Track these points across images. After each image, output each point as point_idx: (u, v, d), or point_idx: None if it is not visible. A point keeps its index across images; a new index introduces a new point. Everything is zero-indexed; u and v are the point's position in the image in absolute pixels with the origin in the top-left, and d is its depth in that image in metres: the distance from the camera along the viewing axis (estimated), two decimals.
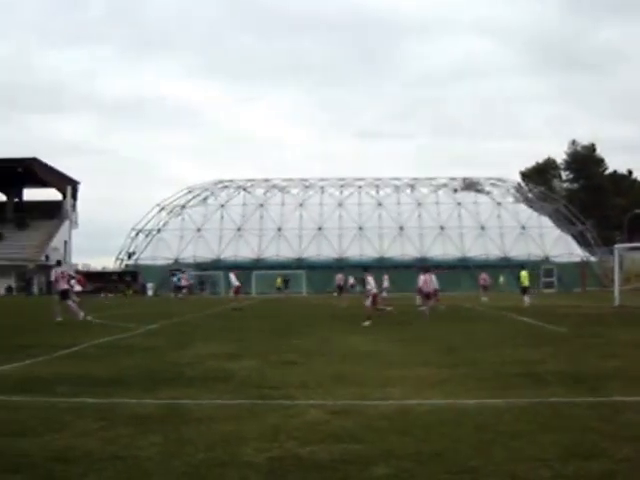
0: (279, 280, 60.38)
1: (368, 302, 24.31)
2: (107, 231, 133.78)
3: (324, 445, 6.51)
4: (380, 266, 74.41)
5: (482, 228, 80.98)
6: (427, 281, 30.46)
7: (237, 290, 37.89)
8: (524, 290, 36.98)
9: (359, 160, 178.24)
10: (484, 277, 49.70)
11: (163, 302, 49.72)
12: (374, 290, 24.63)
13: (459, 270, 74.16)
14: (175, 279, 73.15)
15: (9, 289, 76.52)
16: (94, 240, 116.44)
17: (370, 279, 24.78)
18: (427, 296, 30.20)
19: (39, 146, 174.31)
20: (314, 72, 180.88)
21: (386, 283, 50.33)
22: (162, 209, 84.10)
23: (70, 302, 25.65)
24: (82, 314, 25.03)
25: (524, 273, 37.76)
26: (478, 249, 78.99)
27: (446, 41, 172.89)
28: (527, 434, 6.96)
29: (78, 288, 40.69)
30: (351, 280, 48.20)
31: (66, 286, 26.09)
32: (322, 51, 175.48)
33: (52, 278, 26.18)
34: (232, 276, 38.66)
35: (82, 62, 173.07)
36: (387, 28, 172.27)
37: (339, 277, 47.20)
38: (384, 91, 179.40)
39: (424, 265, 45.62)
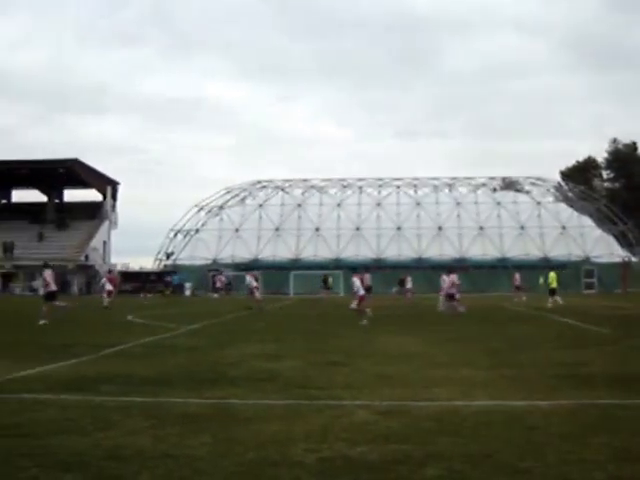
0: (330, 279, 59.82)
1: (354, 304, 24.33)
2: (145, 231, 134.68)
3: (374, 446, 6.51)
4: (418, 266, 74.49)
5: (522, 228, 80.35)
6: (453, 282, 30.69)
7: (252, 291, 38.12)
8: (552, 291, 36.73)
9: (397, 160, 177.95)
10: (517, 277, 49.33)
11: (202, 302, 49.97)
12: (361, 292, 24.58)
13: (498, 270, 73.71)
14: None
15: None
16: (132, 240, 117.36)
17: (355, 280, 24.80)
18: (451, 297, 30.40)
19: (78, 147, 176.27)
20: (351, 72, 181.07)
21: (409, 284, 50.36)
22: (200, 209, 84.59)
23: (57, 302, 26.04)
24: (67, 305, 25.94)
25: (552, 274, 37.57)
26: (518, 249, 78.35)
27: (484, 39, 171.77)
28: (577, 436, 6.89)
29: (109, 287, 41.24)
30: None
31: (55, 288, 26.46)
32: (359, 51, 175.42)
33: (48, 279, 26.27)
34: (248, 278, 39.00)
35: (122, 63, 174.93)
36: (424, 27, 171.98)
37: (366, 277, 47.20)
38: (422, 90, 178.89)
39: (458, 265, 45.52)
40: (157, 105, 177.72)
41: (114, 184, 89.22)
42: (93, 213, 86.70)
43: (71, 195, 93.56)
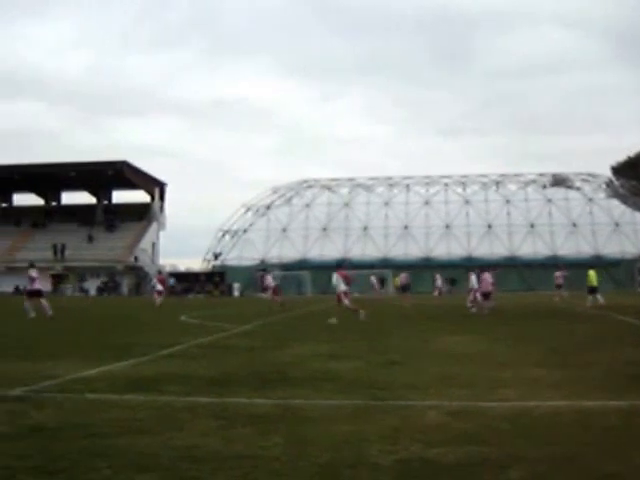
0: (397, 280, 59.62)
1: (346, 302, 24.66)
2: (191, 232, 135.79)
3: (450, 447, 6.36)
4: (469, 265, 73.98)
5: (573, 225, 79.41)
6: (486, 280, 30.47)
7: (275, 290, 38.30)
8: (592, 290, 35.80)
9: (439, 158, 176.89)
10: (557, 275, 48.82)
11: (251, 303, 50.06)
12: (342, 287, 24.85)
13: (550, 268, 72.86)
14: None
15: (100, 290, 78.38)
16: (178, 241, 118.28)
17: (335, 276, 24.82)
18: (486, 295, 30.20)
19: (122, 149, 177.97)
20: (393, 70, 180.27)
21: (439, 282, 50.49)
22: (248, 209, 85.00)
23: (43, 300, 26.86)
24: (50, 313, 26.11)
25: (592, 272, 36.65)
26: (569, 247, 77.49)
27: (526, 33, 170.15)
28: None
29: (160, 288, 41.94)
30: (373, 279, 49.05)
31: (39, 286, 27.57)
32: (400, 48, 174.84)
33: (34, 276, 27.34)
34: (269, 277, 39.22)
35: (165, 65, 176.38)
36: (465, 22, 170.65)
37: (403, 276, 47.36)
38: (464, 87, 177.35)
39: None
40: (200, 106, 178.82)
41: (162, 185, 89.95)
42: (141, 214, 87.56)
43: (119, 197, 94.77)
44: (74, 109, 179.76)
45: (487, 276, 30.96)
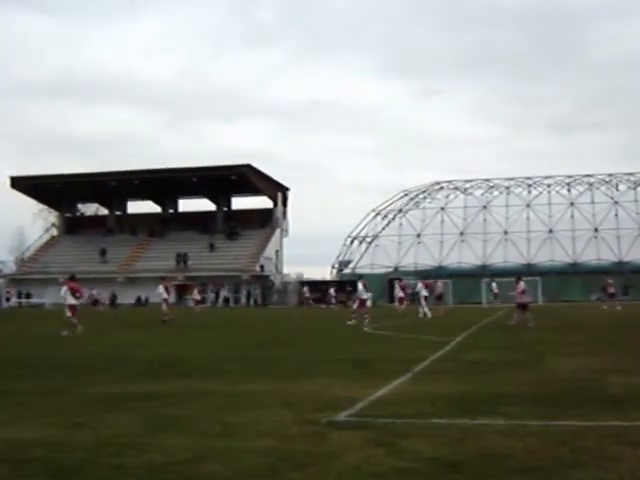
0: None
1: (69, 313, 25.51)
2: (309, 239, 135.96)
3: None
4: (619, 271, 71.90)
5: None
6: (523, 290, 28.87)
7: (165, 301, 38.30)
8: None
9: (552, 156, 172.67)
10: None
11: (399, 314, 49.49)
12: (70, 300, 25.53)
13: None
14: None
15: (226, 300, 78.96)
16: (301, 248, 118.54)
17: (65, 290, 25.81)
18: (523, 307, 28.55)
19: (215, 153, 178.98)
20: (499, 65, 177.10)
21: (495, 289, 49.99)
22: (377, 214, 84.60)
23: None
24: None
25: None
26: None
27: None
28: None
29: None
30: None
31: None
32: (506, 42, 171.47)
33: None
34: (161, 287, 39.25)
35: (256, 66, 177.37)
36: (575, 12, 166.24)
37: (438, 285, 51.01)
38: (575, 81, 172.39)
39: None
40: (295, 108, 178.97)
41: (284, 190, 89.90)
42: (263, 221, 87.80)
43: (238, 203, 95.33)
44: (164, 113, 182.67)
45: (522, 285, 29.21)
